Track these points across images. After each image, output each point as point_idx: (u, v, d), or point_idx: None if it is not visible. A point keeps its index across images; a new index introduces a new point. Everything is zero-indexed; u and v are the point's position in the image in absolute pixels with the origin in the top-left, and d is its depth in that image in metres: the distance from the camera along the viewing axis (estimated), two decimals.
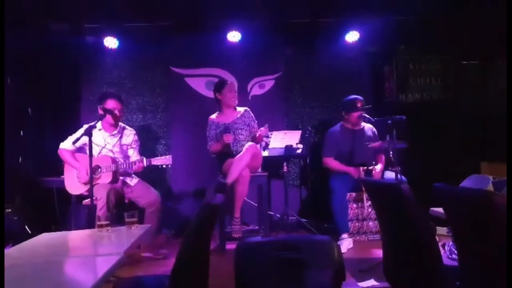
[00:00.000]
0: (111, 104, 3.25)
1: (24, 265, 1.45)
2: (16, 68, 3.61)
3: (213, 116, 3.67)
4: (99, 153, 3.26)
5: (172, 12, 3.92)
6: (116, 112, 3.25)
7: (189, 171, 4.29)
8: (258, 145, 3.60)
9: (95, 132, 3.16)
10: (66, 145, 3.26)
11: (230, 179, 3.23)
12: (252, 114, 3.68)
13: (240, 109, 3.66)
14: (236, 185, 3.28)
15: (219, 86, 3.61)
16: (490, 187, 2.30)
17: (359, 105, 3.58)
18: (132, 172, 3.30)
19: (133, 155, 3.37)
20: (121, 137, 3.37)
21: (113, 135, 3.34)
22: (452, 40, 4.05)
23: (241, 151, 3.39)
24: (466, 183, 2.53)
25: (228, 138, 3.41)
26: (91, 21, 3.98)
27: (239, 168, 3.25)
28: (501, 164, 3.56)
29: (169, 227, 3.94)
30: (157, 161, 3.15)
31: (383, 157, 3.67)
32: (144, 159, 3.17)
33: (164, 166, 3.21)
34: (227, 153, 3.52)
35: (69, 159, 3.24)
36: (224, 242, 3.35)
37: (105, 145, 3.30)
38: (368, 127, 3.75)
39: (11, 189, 3.33)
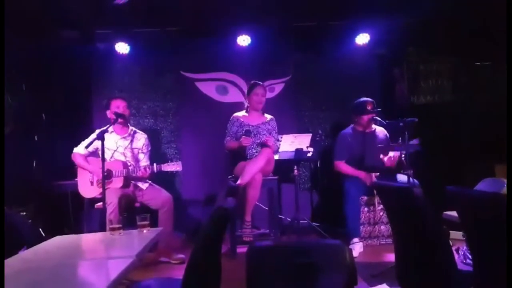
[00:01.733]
0: (115, 104, 3.31)
1: (37, 268, 1.47)
2: (30, 74, 3.68)
3: (239, 114, 3.72)
4: (111, 157, 3.30)
5: (182, 17, 3.96)
6: (120, 110, 3.28)
7: (200, 174, 4.31)
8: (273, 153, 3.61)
9: (106, 136, 3.20)
10: (79, 149, 3.33)
11: (242, 181, 3.24)
12: (276, 124, 3.73)
13: (268, 116, 3.73)
14: (247, 188, 3.29)
15: (249, 88, 3.71)
16: (505, 191, 2.26)
17: (369, 107, 3.56)
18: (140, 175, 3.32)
19: (143, 160, 3.41)
20: (132, 140, 3.41)
21: (124, 137, 3.38)
22: (462, 41, 4.00)
23: (256, 155, 3.41)
24: (480, 186, 2.49)
25: (246, 141, 3.44)
26: (102, 27, 4.03)
27: (253, 171, 3.26)
28: None
29: (181, 231, 3.96)
30: (167, 167, 3.17)
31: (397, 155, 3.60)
32: (155, 164, 3.20)
33: (174, 171, 3.23)
34: (241, 155, 3.55)
35: (82, 162, 3.31)
36: (235, 245, 3.35)
37: (117, 148, 3.34)
38: (380, 130, 3.72)
39: (25, 193, 3.39)
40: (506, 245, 1.12)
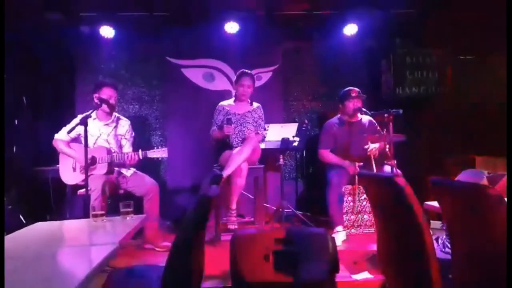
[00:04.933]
0: (106, 92, 3.23)
1: (16, 255, 1.45)
2: (11, 57, 3.56)
3: (225, 102, 3.69)
4: (94, 143, 3.25)
5: (169, 2, 3.88)
6: (112, 100, 3.23)
7: (185, 162, 4.28)
8: (259, 142, 3.60)
9: (89, 122, 3.14)
10: (61, 135, 3.25)
11: (227, 172, 3.23)
12: (262, 112, 3.70)
13: (254, 104, 3.70)
14: (233, 177, 3.28)
15: (237, 77, 3.66)
16: (485, 182, 2.32)
17: (353, 94, 3.59)
18: (127, 163, 3.29)
19: (126, 146, 3.36)
20: (115, 127, 3.35)
21: (107, 124, 3.32)
22: (449, 33, 4.05)
23: (241, 143, 3.41)
24: (461, 177, 2.54)
25: (228, 129, 3.42)
26: (86, 9, 3.93)
27: (238, 161, 3.25)
28: (496, 158, 3.59)
29: (166, 218, 3.95)
30: (153, 153, 3.14)
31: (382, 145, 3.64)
32: (140, 151, 3.16)
33: (160, 158, 3.20)
34: (226, 143, 3.54)
35: (64, 148, 3.23)
36: (219, 233, 3.36)
37: (100, 134, 3.29)
38: (366, 119, 3.73)
39: (5, 179, 3.32)
40: (498, 237, 1.15)
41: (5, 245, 1.56)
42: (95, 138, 3.26)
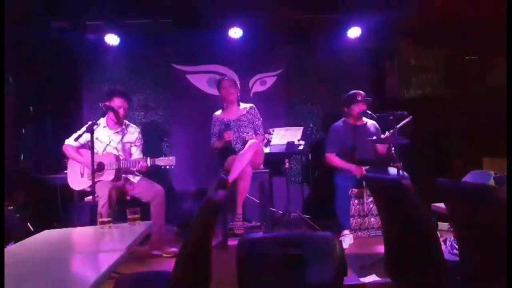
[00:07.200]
0: (117, 102, 3.26)
1: (25, 262, 1.46)
2: (18, 66, 3.61)
3: (218, 112, 3.70)
4: (103, 150, 3.28)
5: (173, 9, 3.91)
6: (121, 110, 3.26)
7: (191, 167, 4.30)
8: (261, 143, 3.60)
9: (99, 129, 3.17)
10: (70, 141, 3.29)
11: (232, 177, 3.24)
12: (257, 112, 3.69)
13: (246, 106, 3.68)
14: (238, 181, 3.29)
15: (217, 83, 3.70)
16: (492, 183, 2.30)
17: (359, 98, 3.58)
18: (135, 170, 3.30)
19: (136, 153, 3.38)
20: (124, 134, 3.38)
21: (117, 132, 3.35)
22: (454, 34, 4.03)
23: (243, 148, 3.41)
24: (468, 178, 2.52)
25: (229, 135, 3.43)
26: (92, 18, 3.98)
27: (241, 165, 3.26)
28: (504, 159, 3.55)
29: (173, 224, 3.96)
30: (161, 161, 3.15)
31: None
32: (148, 158, 3.17)
33: (167, 167, 3.21)
34: (229, 149, 3.54)
35: (73, 154, 3.27)
36: (226, 238, 3.36)
37: (110, 142, 3.31)
38: (371, 123, 3.73)
39: (13, 187, 3.35)
40: (506, 243, 1.14)
41: (14, 252, 1.58)
42: (104, 145, 3.29)
